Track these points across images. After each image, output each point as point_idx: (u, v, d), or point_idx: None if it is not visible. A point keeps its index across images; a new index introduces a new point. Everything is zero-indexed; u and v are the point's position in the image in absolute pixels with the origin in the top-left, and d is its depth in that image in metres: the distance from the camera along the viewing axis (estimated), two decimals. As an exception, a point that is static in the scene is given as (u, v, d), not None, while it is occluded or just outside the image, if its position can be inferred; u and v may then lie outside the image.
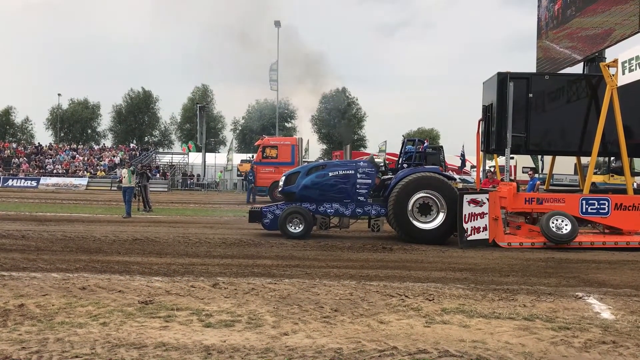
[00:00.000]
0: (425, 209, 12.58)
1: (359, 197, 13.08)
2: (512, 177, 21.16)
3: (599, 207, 12.56)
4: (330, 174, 13.20)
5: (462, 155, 36.36)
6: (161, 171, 44.41)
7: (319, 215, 13.16)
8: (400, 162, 14.48)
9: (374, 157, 14.75)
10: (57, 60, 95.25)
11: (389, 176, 13.68)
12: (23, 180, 41.81)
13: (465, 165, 36.87)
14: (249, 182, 28.32)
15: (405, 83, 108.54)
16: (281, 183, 13.78)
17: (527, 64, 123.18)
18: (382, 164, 14.26)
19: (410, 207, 12.52)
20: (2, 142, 55.34)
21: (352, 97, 65.54)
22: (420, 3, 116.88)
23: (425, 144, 14.91)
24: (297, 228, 12.78)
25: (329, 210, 13.09)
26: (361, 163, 13.48)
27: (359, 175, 13.14)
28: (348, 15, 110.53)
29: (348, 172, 13.18)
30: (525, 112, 13.12)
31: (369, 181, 13.20)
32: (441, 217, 12.53)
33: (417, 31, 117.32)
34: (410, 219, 12.53)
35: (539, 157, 28.85)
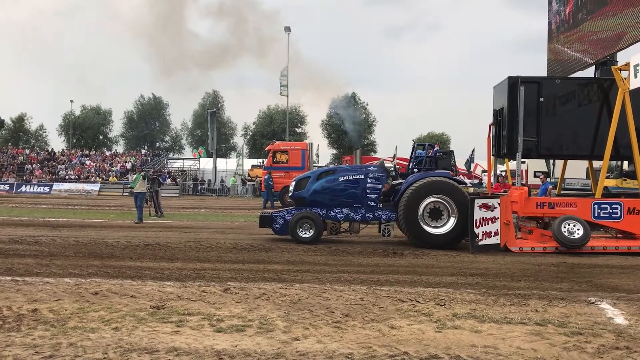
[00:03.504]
0: (436, 214, 12.54)
1: (369, 202, 13.07)
2: (524, 182, 21.04)
3: (611, 211, 12.45)
4: (340, 178, 13.20)
5: (470, 159, 36.32)
6: (172, 177, 44.63)
7: (329, 220, 13.15)
8: (410, 166, 14.46)
9: (384, 161, 14.73)
10: (70, 66, 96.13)
11: (399, 181, 13.65)
12: (36, 186, 42.20)
13: (470, 167, 36.80)
14: (269, 187, 27.96)
15: (414, 86, 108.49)
16: (291, 188, 13.80)
17: (536, 65, 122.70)
18: (392, 169, 14.25)
19: (420, 212, 12.48)
20: (16, 148, 55.91)
21: (362, 102, 65.67)
22: (425, 5, 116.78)
23: (435, 149, 14.88)
24: (307, 233, 12.79)
25: (339, 215, 13.08)
26: (371, 168, 13.47)
27: (369, 180, 13.12)
28: (354, 18, 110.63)
29: (358, 176, 13.18)
30: (536, 116, 13.05)
31: (379, 186, 13.18)
32: (452, 221, 12.48)
33: (424, 33, 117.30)
34: (421, 223, 12.49)
35: (551, 161, 28.69)
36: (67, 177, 45.61)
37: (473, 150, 38.64)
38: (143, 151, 61.70)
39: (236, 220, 19.34)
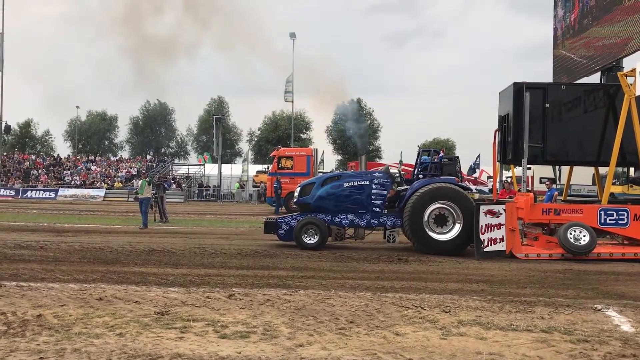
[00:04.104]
0: (441, 220, 12.49)
1: (374, 208, 13.03)
2: (529, 188, 20.98)
3: (617, 217, 12.39)
4: (345, 184, 13.19)
5: (474, 166, 36.31)
6: (177, 182, 44.71)
7: (334, 226, 13.12)
8: (415, 172, 14.43)
9: (389, 167, 14.71)
10: (75, 72, 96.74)
11: (405, 187, 13.62)
12: (42, 192, 42.34)
13: (474, 173, 36.80)
14: (277, 193, 27.87)
15: (419, 92, 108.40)
16: (296, 194, 13.78)
17: (541, 72, 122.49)
18: (397, 175, 14.22)
19: (426, 218, 12.44)
20: (22, 154, 56.16)
21: (367, 108, 65.77)
22: (430, 12, 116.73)
23: (440, 155, 14.85)
24: (312, 239, 12.76)
25: (344, 221, 13.06)
26: (376, 174, 13.43)
27: (374, 186, 13.10)
28: (358, 25, 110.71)
29: (363, 182, 13.16)
30: (541, 122, 13.02)
31: (384, 192, 13.15)
32: (457, 228, 12.43)
33: (429, 40, 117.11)
34: (426, 230, 12.44)
35: (557, 167, 28.60)
36: (72, 182, 45.76)
37: (478, 157, 38.57)
38: (148, 157, 61.90)
39: (241, 226, 19.34)
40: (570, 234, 11.85)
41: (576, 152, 13.44)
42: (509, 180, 17.92)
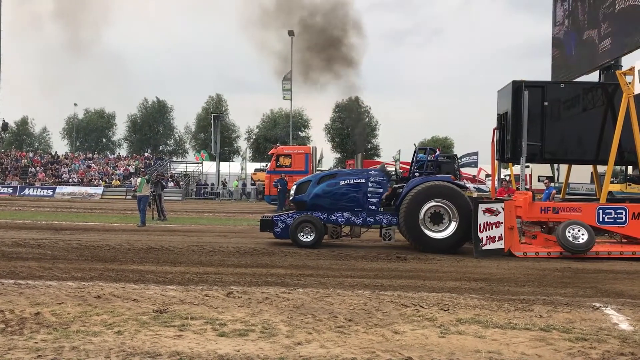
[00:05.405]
0: (437, 218, 12.48)
1: (370, 206, 13.03)
2: (528, 186, 20.98)
3: (616, 216, 12.40)
4: (342, 182, 13.17)
5: (468, 160, 36.21)
6: (175, 180, 44.66)
7: (330, 224, 13.10)
8: (412, 170, 14.43)
9: (385, 165, 14.71)
10: (74, 70, 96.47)
11: (401, 185, 13.61)
12: (39, 190, 42.28)
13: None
14: (282, 191, 27.67)
15: (418, 91, 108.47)
16: (292, 192, 13.77)
17: (539, 70, 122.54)
18: (393, 173, 14.20)
19: (421, 216, 12.42)
20: (19, 151, 56.06)
21: (365, 106, 65.79)
22: (427, 10, 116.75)
23: (436, 153, 14.85)
24: (308, 237, 12.74)
25: (340, 219, 13.04)
26: (372, 172, 13.43)
27: (370, 184, 13.09)
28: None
29: (359, 180, 13.15)
30: (540, 120, 13.03)
31: (380, 190, 13.15)
32: (453, 226, 12.42)
33: (427, 38, 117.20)
34: (422, 228, 12.43)
35: (555, 165, 28.66)
36: (70, 180, 45.69)
37: (475, 154, 38.37)
38: (146, 154, 61.86)
39: (239, 224, 19.32)
40: (569, 232, 11.86)
41: (575, 151, 13.44)
42: (507, 178, 17.95)
